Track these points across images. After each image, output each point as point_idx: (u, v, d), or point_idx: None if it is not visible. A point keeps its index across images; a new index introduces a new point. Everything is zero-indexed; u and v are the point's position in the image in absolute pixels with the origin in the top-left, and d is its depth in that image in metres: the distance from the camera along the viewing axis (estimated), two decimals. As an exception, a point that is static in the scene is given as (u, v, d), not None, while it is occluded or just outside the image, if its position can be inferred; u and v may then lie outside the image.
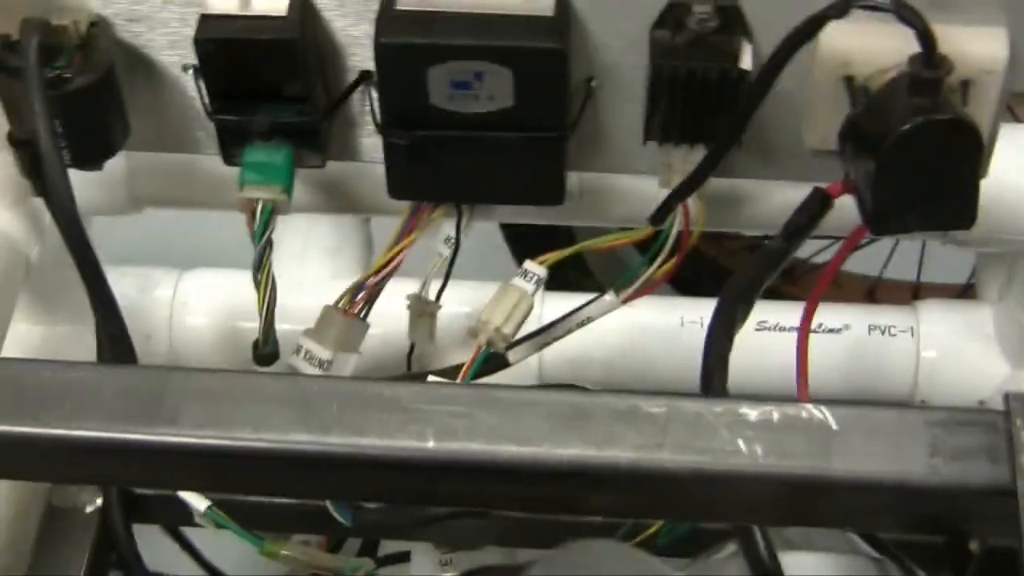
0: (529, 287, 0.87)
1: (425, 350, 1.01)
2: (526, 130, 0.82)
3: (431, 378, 0.86)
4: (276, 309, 0.86)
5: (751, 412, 0.58)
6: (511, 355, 0.89)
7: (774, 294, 1.32)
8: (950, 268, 1.47)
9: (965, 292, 1.42)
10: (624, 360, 1.11)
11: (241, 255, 0.88)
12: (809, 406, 0.58)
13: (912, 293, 1.50)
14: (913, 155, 0.74)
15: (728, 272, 1.36)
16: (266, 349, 0.87)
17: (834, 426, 0.57)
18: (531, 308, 0.87)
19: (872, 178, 0.75)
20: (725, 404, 0.58)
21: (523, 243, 1.30)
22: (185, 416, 0.60)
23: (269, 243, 0.84)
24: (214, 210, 0.97)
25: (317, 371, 0.89)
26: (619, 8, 0.80)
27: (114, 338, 0.80)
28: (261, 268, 0.84)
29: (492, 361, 0.88)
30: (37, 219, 0.94)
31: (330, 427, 0.61)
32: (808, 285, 1.39)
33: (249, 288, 0.86)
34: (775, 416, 0.57)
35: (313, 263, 1.16)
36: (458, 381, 0.86)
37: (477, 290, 1.11)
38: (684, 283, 1.32)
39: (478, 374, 0.88)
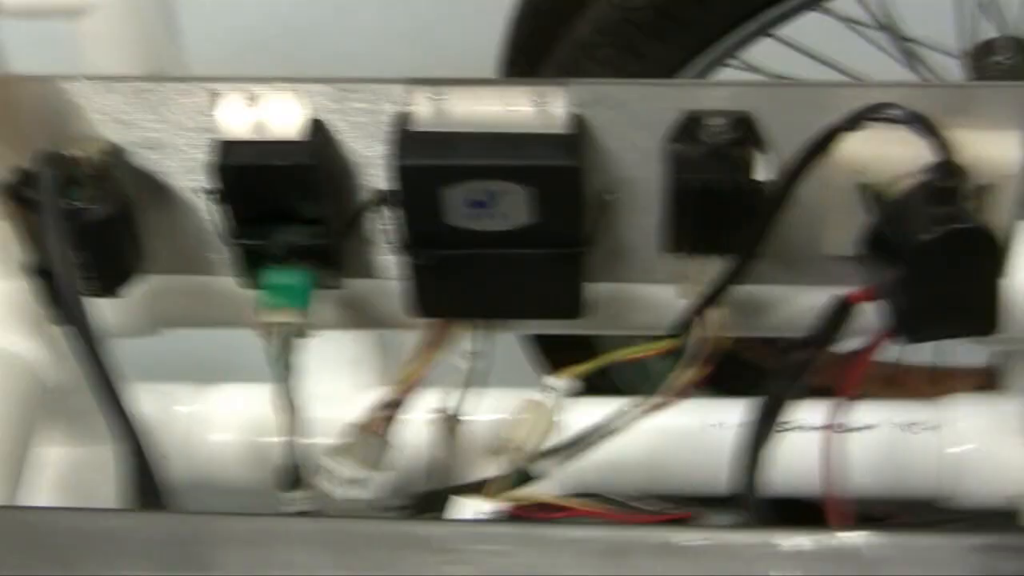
0: (550, 402, 0.86)
1: (450, 463, 1.01)
2: (543, 247, 0.82)
3: (457, 503, 0.85)
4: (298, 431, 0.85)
5: (783, 542, 0.57)
6: (535, 469, 0.89)
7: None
8: (970, 349, 1.46)
9: (987, 376, 1.41)
10: (647, 464, 1.10)
11: (264, 367, 0.88)
12: (841, 535, 0.57)
13: (932, 378, 1.48)
14: (934, 265, 0.74)
15: (748, 365, 1.35)
16: (289, 476, 0.86)
17: (867, 555, 0.56)
18: (552, 424, 0.86)
19: (894, 288, 0.75)
20: (757, 535, 0.58)
21: (543, 344, 1.30)
22: (218, 564, 0.59)
23: (289, 367, 0.84)
24: (234, 329, 0.97)
25: (339, 490, 0.89)
26: (633, 122, 0.80)
27: (141, 472, 0.79)
28: (282, 392, 0.84)
29: (515, 477, 0.87)
30: (56, 344, 0.94)
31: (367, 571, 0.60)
32: (830, 373, 1.39)
33: (271, 402, 0.85)
34: (807, 545, 0.57)
35: (333, 375, 1.15)
36: (484, 495, 0.85)
37: (499, 398, 1.11)
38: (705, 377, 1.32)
39: (502, 489, 0.87)
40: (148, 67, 1.16)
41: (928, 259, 0.73)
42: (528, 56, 1.14)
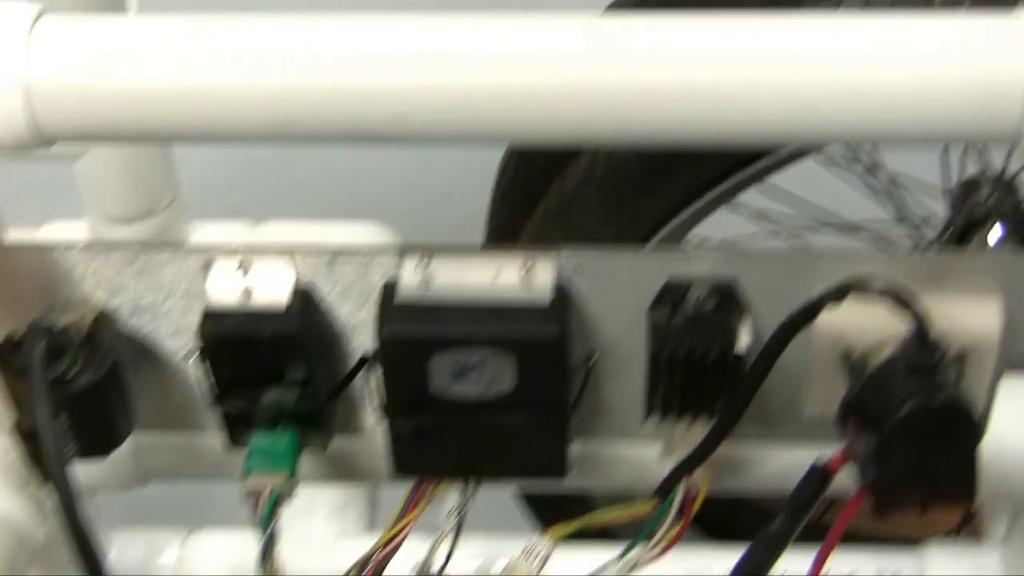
0: (534, 567, 0.87)
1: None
2: (528, 412, 0.82)
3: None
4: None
5: None
6: (517, 630, 0.89)
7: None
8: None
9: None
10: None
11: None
12: None
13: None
14: (912, 437, 0.74)
15: (753, 508, 1.35)
16: (275, 642, 0.86)
17: None
18: (537, 589, 0.87)
19: (871, 458, 0.75)
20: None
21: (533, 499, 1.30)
22: None
23: (275, 532, 0.84)
24: (220, 481, 0.97)
25: (326, 650, 0.89)
26: (617, 290, 0.81)
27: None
28: (266, 560, 0.84)
29: (499, 640, 0.88)
30: (41, 503, 0.95)
31: None
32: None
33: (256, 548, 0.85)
34: None
35: (319, 522, 1.15)
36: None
37: (481, 545, 1.12)
38: (710, 523, 1.32)
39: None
40: (144, 206, 1.17)
41: (905, 433, 0.74)
42: (518, 199, 1.15)
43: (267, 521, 0.84)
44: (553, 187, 1.09)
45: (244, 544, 1.12)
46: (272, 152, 2.04)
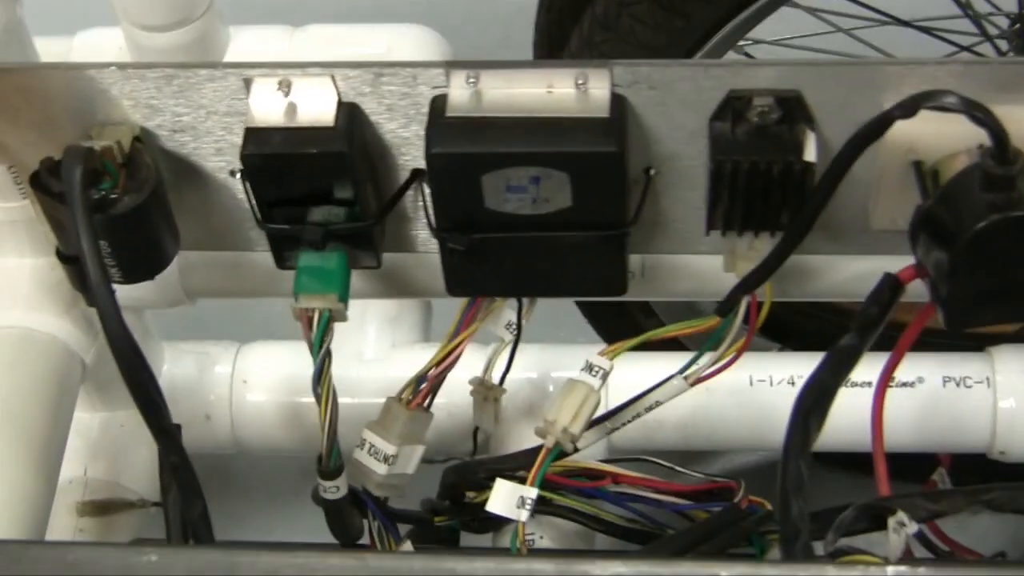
0: (595, 382, 0.85)
1: (492, 431, 1.00)
2: (585, 229, 0.80)
3: (501, 487, 0.84)
4: (339, 418, 0.84)
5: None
6: (579, 442, 0.87)
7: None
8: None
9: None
10: (693, 422, 1.09)
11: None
12: (890, 570, 0.55)
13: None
14: (988, 252, 0.71)
15: (850, 314, 1.32)
16: (330, 465, 0.85)
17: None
18: (598, 403, 0.85)
19: (945, 273, 0.72)
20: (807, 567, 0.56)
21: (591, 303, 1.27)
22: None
23: (328, 354, 0.82)
24: (268, 298, 0.95)
25: (383, 466, 0.88)
26: (677, 102, 0.77)
27: (176, 468, 0.78)
28: (321, 381, 0.82)
29: (560, 455, 0.86)
30: (91, 321, 0.93)
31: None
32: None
33: (310, 361, 0.83)
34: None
35: (372, 333, 1.14)
36: (528, 483, 0.84)
37: (538, 354, 1.10)
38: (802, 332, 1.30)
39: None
40: (179, 13, 1.13)
41: (981, 247, 0.71)
42: (564, 3, 1.11)
43: (319, 343, 0.82)
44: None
45: (295, 355, 1.10)
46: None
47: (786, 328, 1.30)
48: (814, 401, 0.75)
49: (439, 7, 1.80)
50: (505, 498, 0.84)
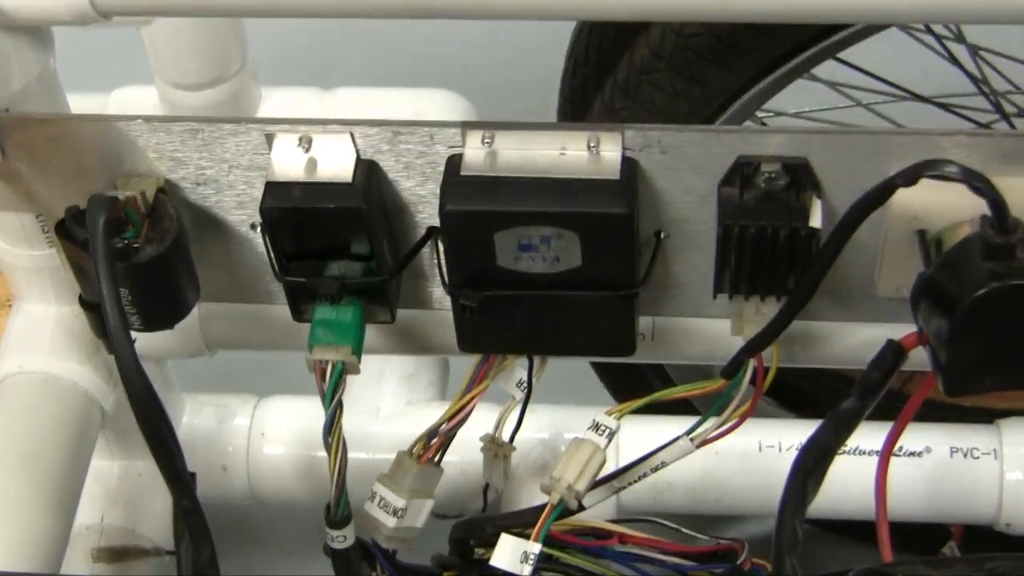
0: (602, 441, 0.86)
1: (500, 487, 1.01)
2: (594, 288, 0.81)
3: (505, 543, 0.85)
4: (348, 470, 0.85)
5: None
6: (586, 500, 0.88)
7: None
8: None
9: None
10: (703, 486, 1.10)
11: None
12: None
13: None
14: (987, 319, 0.72)
15: (841, 378, 1.33)
16: (338, 514, 0.87)
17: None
18: (604, 462, 0.86)
19: (945, 339, 0.74)
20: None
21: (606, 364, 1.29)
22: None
23: (339, 405, 0.84)
24: (286, 351, 0.97)
25: (392, 519, 0.89)
26: (687, 167, 0.79)
27: (187, 512, 0.80)
28: (332, 431, 0.84)
29: (566, 511, 0.87)
30: (111, 369, 0.95)
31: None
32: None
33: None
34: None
35: (389, 390, 1.15)
36: (532, 538, 0.85)
37: (550, 415, 1.12)
38: (797, 393, 1.31)
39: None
40: (213, 72, 1.16)
41: (981, 314, 0.72)
42: (589, 70, 1.13)
43: (332, 394, 0.83)
44: (623, 61, 1.06)
45: (313, 409, 1.12)
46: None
47: (802, 398, 1.31)
48: (813, 462, 0.76)
49: (472, 73, 1.83)
50: (509, 553, 0.85)
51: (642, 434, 1.02)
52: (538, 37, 1.57)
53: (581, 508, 0.88)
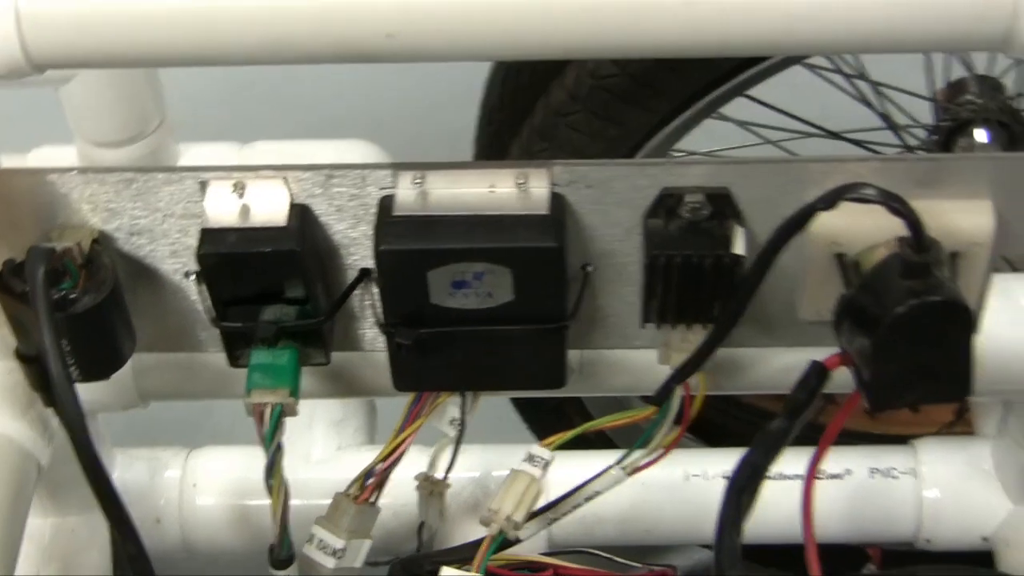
0: (537, 472, 0.88)
1: (436, 525, 1.02)
2: (526, 322, 0.83)
3: (445, 569, 0.87)
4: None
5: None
6: (521, 532, 0.90)
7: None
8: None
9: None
10: (632, 516, 1.12)
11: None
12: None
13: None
14: (907, 336, 0.75)
15: (752, 409, 1.36)
16: (282, 554, 0.88)
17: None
18: (540, 493, 0.88)
19: (868, 357, 0.76)
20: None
21: (529, 405, 1.31)
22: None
23: (279, 447, 0.85)
24: (221, 399, 0.98)
25: (331, 560, 0.90)
26: (612, 200, 0.81)
27: (133, 558, 0.80)
28: (273, 473, 0.85)
29: (504, 543, 0.89)
30: (46, 423, 0.95)
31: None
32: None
33: (259, 464, 0.86)
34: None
35: (319, 436, 1.17)
36: (474, 569, 0.87)
37: (481, 454, 1.13)
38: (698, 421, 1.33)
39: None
40: (132, 129, 1.17)
41: (902, 330, 0.75)
42: (504, 115, 1.15)
43: (271, 437, 0.85)
44: (539, 105, 1.09)
45: (245, 458, 1.13)
46: (257, 71, 2.03)
47: (716, 431, 1.34)
48: (747, 479, 0.78)
49: (387, 126, 1.86)
50: (451, 586, 0.87)
51: (572, 470, 1.03)
52: (449, 88, 1.60)
53: (517, 540, 0.90)
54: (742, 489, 0.78)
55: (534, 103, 1.09)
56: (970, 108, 1.22)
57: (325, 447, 1.16)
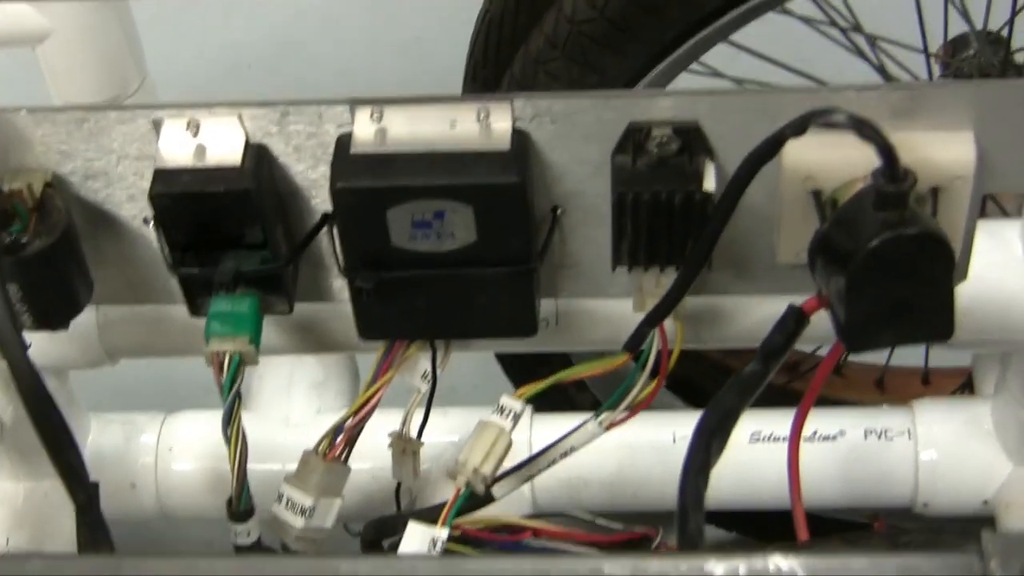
0: (507, 424, 0.85)
1: (412, 486, 0.99)
2: (492, 265, 0.80)
3: (412, 530, 0.84)
4: (249, 460, 0.84)
5: (717, 567, 0.55)
6: (496, 490, 0.87)
7: (782, 391, 1.30)
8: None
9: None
10: (619, 480, 1.09)
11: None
12: (777, 558, 0.55)
13: (922, 379, 1.47)
14: (883, 271, 0.72)
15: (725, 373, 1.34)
16: (240, 506, 0.85)
17: (803, 577, 0.55)
18: (510, 444, 0.85)
19: (843, 295, 0.73)
20: (690, 560, 0.56)
21: (514, 360, 1.28)
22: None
23: (238, 396, 0.82)
24: (189, 357, 0.96)
25: (300, 519, 0.88)
26: (579, 136, 0.78)
27: (83, 508, 0.78)
28: (231, 422, 0.82)
29: (475, 499, 0.86)
30: (7, 381, 0.93)
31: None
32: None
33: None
34: (741, 571, 0.55)
35: (299, 398, 1.14)
36: (439, 524, 0.84)
37: (464, 417, 1.10)
38: (690, 388, 1.31)
39: (462, 511, 0.86)
40: (112, 89, 1.15)
41: (876, 265, 0.72)
42: (488, 71, 1.13)
43: (230, 386, 0.82)
44: (518, 56, 1.07)
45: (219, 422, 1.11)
46: (255, 47, 2.03)
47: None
48: (717, 423, 0.75)
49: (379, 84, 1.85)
50: (417, 540, 0.84)
51: (555, 431, 1.01)
52: (442, 58, 1.58)
53: (490, 497, 0.87)
54: (712, 432, 0.75)
55: (514, 54, 1.06)
56: (971, 64, 1.19)
57: (305, 410, 1.13)
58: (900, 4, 1.19)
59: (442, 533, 0.84)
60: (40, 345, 0.81)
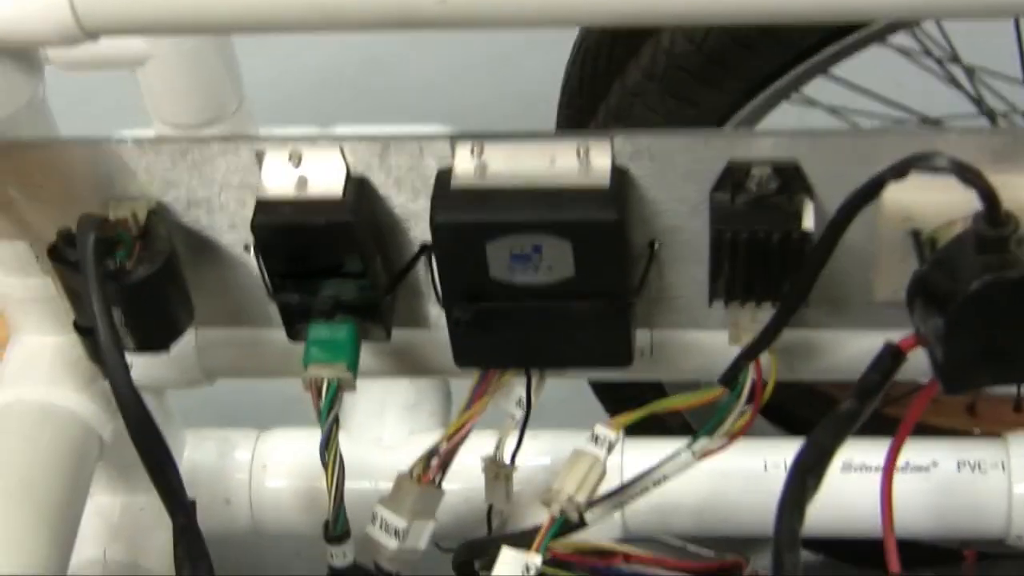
0: (601, 453, 0.86)
1: (504, 508, 1.00)
2: (589, 298, 0.81)
3: (505, 554, 0.85)
4: (345, 485, 0.85)
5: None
6: (588, 516, 0.88)
7: (873, 415, 1.30)
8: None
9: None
10: (708, 506, 1.09)
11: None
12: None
13: (1014, 406, 1.46)
14: (982, 313, 0.72)
15: (828, 399, 1.33)
16: (336, 530, 0.86)
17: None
18: (603, 473, 0.86)
19: (942, 336, 0.73)
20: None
21: (607, 384, 1.28)
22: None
23: (336, 421, 0.83)
24: (286, 378, 0.97)
25: (394, 540, 0.89)
26: (678, 174, 0.79)
27: (183, 529, 0.79)
28: (329, 447, 0.83)
29: (568, 526, 0.87)
30: (110, 398, 0.95)
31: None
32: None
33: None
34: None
35: (391, 420, 1.15)
36: (532, 549, 0.84)
37: (555, 441, 1.11)
38: (780, 412, 1.31)
39: (555, 538, 0.87)
40: (209, 112, 1.16)
41: (976, 308, 0.71)
42: (584, 100, 1.13)
43: (327, 411, 0.83)
44: (615, 87, 1.07)
45: (314, 441, 1.11)
46: (343, 63, 2.04)
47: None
48: (814, 461, 0.75)
49: (471, 116, 1.85)
50: (510, 566, 0.84)
51: (646, 455, 1.01)
52: (531, 73, 1.58)
53: (583, 523, 0.88)
54: (808, 470, 0.75)
55: (610, 86, 1.07)
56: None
57: (397, 431, 1.15)
58: (1000, 34, 1.18)
59: (536, 559, 0.84)
60: (140, 365, 0.83)
